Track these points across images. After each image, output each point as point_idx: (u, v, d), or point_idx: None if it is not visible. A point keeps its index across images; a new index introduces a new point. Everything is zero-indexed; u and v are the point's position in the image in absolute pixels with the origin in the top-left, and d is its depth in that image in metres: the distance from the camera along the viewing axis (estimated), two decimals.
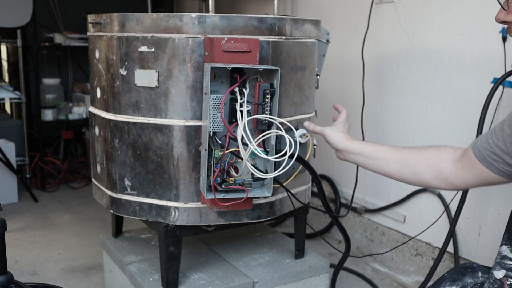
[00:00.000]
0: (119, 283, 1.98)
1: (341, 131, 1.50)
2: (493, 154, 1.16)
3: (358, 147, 1.42)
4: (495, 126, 1.18)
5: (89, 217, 3.12)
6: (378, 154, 1.37)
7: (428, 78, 2.29)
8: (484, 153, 1.18)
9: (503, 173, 1.17)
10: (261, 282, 1.80)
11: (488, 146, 1.17)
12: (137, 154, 1.63)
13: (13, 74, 4.06)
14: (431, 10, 2.25)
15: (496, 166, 1.17)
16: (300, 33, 1.70)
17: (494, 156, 1.16)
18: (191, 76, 1.55)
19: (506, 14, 1.13)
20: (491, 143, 1.16)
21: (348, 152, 1.44)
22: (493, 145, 1.16)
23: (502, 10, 1.13)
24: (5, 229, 1.37)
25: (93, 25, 1.72)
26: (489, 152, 1.17)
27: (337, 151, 1.48)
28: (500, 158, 1.15)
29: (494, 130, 1.17)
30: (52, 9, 4.05)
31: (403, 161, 1.33)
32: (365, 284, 2.36)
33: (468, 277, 1.21)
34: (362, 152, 1.41)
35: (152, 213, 1.65)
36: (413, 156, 1.32)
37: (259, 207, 1.68)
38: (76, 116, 3.83)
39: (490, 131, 1.19)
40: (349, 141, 1.45)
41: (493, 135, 1.17)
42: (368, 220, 2.68)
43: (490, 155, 1.17)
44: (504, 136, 1.13)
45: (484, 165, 1.19)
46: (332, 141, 1.48)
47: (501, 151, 1.14)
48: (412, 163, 1.31)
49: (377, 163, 1.38)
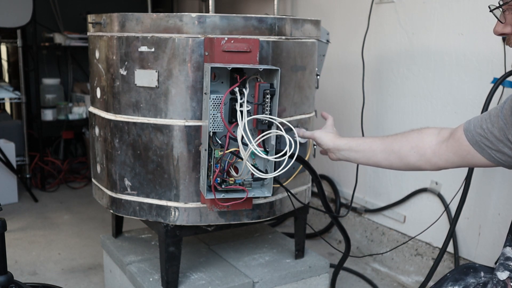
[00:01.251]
0: (119, 283, 1.98)
1: (330, 132, 1.55)
2: (486, 140, 1.17)
3: (345, 143, 1.46)
4: (491, 111, 1.19)
5: (89, 217, 3.12)
6: (365, 146, 1.42)
7: (428, 78, 2.29)
8: (477, 137, 1.19)
9: (493, 159, 1.19)
10: (261, 282, 1.80)
11: (481, 131, 1.18)
12: (137, 154, 1.63)
13: (13, 74, 4.06)
14: (431, 10, 2.25)
15: (488, 151, 1.18)
16: (300, 33, 1.70)
17: (487, 142, 1.17)
18: (191, 76, 1.55)
19: (503, 27, 1.13)
20: (485, 128, 1.17)
21: (338, 150, 1.48)
22: (487, 131, 1.17)
23: (499, 23, 1.14)
24: (5, 229, 1.37)
25: (93, 25, 1.72)
26: (482, 137, 1.18)
27: (329, 152, 1.52)
28: (493, 145, 1.16)
29: (490, 115, 1.18)
30: (52, 9, 4.04)
31: (388, 147, 1.36)
32: (365, 284, 2.36)
33: (470, 277, 1.21)
34: (350, 147, 1.45)
35: (152, 213, 1.65)
36: (397, 141, 1.35)
37: (259, 207, 1.68)
38: (76, 116, 3.83)
39: (485, 116, 1.20)
40: (338, 139, 1.50)
41: (487, 120, 1.18)
42: (368, 220, 2.68)
43: (483, 140, 1.18)
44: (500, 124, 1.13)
45: (475, 149, 1.20)
46: (323, 141, 1.52)
47: (495, 138, 1.15)
48: (396, 148, 1.34)
49: (366, 155, 1.42)
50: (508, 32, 1.12)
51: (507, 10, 1.10)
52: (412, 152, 1.31)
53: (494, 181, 2.06)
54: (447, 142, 1.27)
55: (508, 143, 1.14)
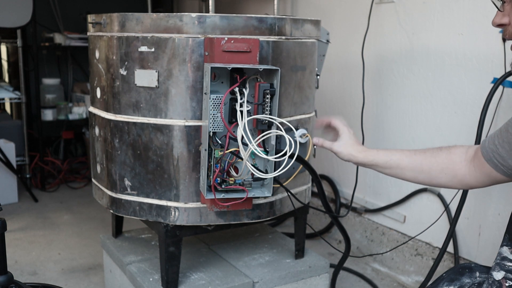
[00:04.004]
0: (119, 283, 1.98)
1: (349, 143, 1.49)
2: (498, 155, 1.17)
3: (371, 159, 1.43)
4: (502, 127, 1.18)
5: (89, 217, 3.12)
6: (392, 164, 1.40)
7: (428, 78, 2.29)
8: (491, 153, 1.19)
9: (508, 174, 1.17)
10: (261, 282, 1.80)
11: (494, 147, 1.18)
12: (137, 154, 1.63)
13: (13, 74, 4.06)
14: (431, 10, 2.24)
15: (501, 168, 1.17)
16: (300, 33, 1.70)
17: (498, 157, 1.17)
18: (191, 76, 1.55)
19: (502, 17, 1.12)
20: (497, 144, 1.17)
21: (362, 165, 1.47)
22: (498, 146, 1.16)
23: (498, 13, 1.13)
24: (5, 229, 1.37)
25: (93, 25, 1.72)
26: (494, 153, 1.17)
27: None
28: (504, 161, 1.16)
29: (501, 130, 1.18)
30: (52, 9, 4.04)
31: (417, 167, 1.36)
32: (365, 284, 2.36)
33: (466, 277, 1.21)
34: (376, 164, 1.43)
35: (152, 213, 1.65)
36: (427, 161, 1.34)
37: (259, 207, 1.68)
38: (76, 116, 3.83)
39: (497, 132, 1.19)
40: (360, 153, 1.46)
41: (499, 136, 1.17)
42: (368, 220, 2.68)
43: (495, 155, 1.17)
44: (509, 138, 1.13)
45: (490, 165, 1.20)
46: (344, 158, 1.49)
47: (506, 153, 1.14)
48: (426, 169, 1.34)
49: (393, 172, 1.42)
50: (506, 22, 1.11)
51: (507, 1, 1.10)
52: (443, 174, 1.31)
53: None
54: (473, 162, 1.26)
55: None
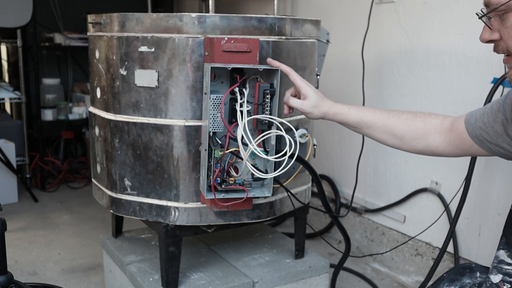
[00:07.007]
0: (119, 283, 1.98)
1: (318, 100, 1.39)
2: (487, 134, 1.19)
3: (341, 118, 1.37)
4: (492, 105, 1.19)
5: (89, 217, 3.12)
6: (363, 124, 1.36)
7: (428, 78, 2.29)
8: (477, 131, 1.21)
9: (492, 151, 1.21)
10: (261, 282, 1.80)
11: (482, 125, 1.19)
12: (137, 154, 1.63)
13: (13, 74, 4.06)
14: (431, 10, 2.24)
15: (487, 145, 1.20)
16: (300, 33, 1.70)
17: (486, 136, 1.19)
18: (191, 76, 1.55)
19: (491, 33, 1.08)
20: (486, 122, 1.18)
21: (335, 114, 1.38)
22: (488, 125, 1.18)
23: (486, 29, 1.08)
24: (5, 229, 1.37)
25: (93, 25, 1.72)
26: (482, 131, 1.19)
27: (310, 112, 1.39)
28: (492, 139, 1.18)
29: (491, 109, 1.19)
30: (52, 9, 4.04)
31: (390, 131, 1.35)
32: (365, 284, 2.36)
33: (466, 277, 1.21)
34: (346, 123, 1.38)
35: (152, 213, 1.65)
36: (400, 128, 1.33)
37: (259, 207, 1.68)
38: (76, 116, 3.82)
39: (486, 109, 1.20)
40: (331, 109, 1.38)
41: (489, 114, 1.19)
42: (368, 220, 2.68)
43: (483, 134, 1.20)
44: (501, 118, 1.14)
45: (475, 141, 1.22)
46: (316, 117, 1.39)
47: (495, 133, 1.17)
48: (398, 135, 1.34)
49: (363, 131, 1.38)
50: (496, 38, 1.07)
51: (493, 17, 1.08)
52: (415, 142, 1.32)
53: (494, 181, 2.06)
54: (449, 135, 1.28)
55: (507, 138, 1.15)
